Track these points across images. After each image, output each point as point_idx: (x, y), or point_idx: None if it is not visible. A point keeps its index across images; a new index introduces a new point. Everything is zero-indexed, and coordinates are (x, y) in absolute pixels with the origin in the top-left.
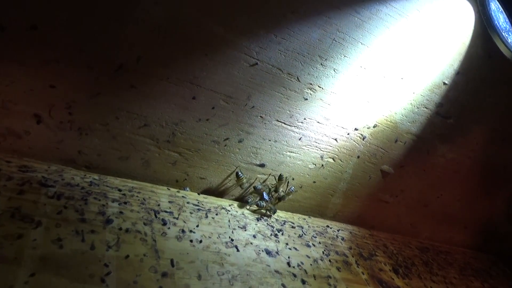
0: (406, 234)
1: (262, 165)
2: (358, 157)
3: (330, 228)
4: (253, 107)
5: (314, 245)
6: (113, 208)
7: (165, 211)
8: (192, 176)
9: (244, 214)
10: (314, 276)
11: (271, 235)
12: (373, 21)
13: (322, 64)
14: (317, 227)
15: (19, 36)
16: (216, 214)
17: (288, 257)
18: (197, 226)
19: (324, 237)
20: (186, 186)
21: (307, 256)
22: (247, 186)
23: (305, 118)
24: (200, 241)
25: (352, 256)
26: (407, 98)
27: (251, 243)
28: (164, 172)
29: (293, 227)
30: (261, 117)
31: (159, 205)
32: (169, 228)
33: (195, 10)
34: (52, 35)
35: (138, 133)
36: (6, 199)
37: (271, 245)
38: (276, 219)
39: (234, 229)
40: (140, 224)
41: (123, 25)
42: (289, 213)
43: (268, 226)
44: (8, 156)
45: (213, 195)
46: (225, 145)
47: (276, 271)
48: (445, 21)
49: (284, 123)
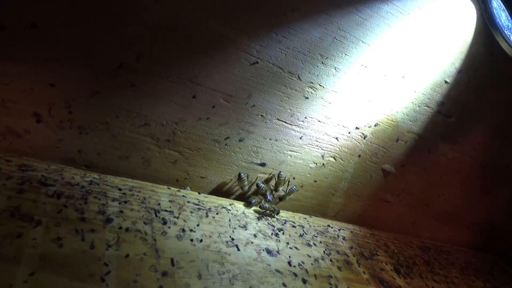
0: (408, 234)
1: (263, 164)
2: (359, 156)
3: (331, 228)
4: (254, 106)
5: (315, 245)
6: (113, 207)
7: (166, 210)
8: (193, 175)
9: (245, 214)
10: (315, 276)
11: (272, 235)
12: (374, 19)
13: (323, 63)
14: (318, 227)
15: (19, 35)
16: (217, 213)
17: (289, 257)
18: (198, 225)
19: (325, 237)
20: (187, 185)
21: (308, 256)
22: (247, 189)
23: (306, 117)
24: (201, 240)
25: (353, 256)
26: (409, 97)
27: (252, 243)
28: (165, 171)
29: (294, 227)
30: (262, 116)
31: (160, 204)
32: (170, 227)
33: (196, 9)
34: (52, 34)
35: (139, 132)
36: (6, 198)
37: (272, 245)
38: (277, 219)
39: (235, 229)
40: (140, 223)
41: (123, 24)
42: (290, 213)
43: (269, 226)
44: (8, 155)
45: (214, 194)
46: (226, 144)
47: (277, 271)
48: (447, 19)
49: (285, 122)
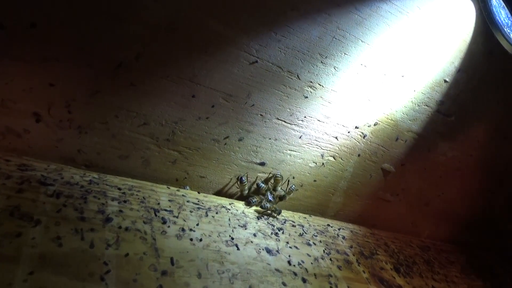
0: (407, 233)
1: (263, 164)
2: (359, 156)
3: (331, 227)
4: (253, 105)
5: (315, 244)
6: (113, 207)
7: (165, 210)
8: (192, 175)
9: (244, 213)
10: (315, 275)
11: (272, 234)
12: (374, 19)
13: (323, 62)
14: (318, 226)
15: (19, 34)
16: (216, 213)
17: (289, 256)
18: (197, 225)
19: (325, 236)
20: (186, 185)
21: (308, 255)
22: (247, 194)
23: (306, 116)
24: (200, 240)
25: (353, 255)
26: (408, 96)
27: (252, 242)
28: (164, 171)
29: (294, 226)
30: (261, 115)
31: (159, 204)
32: (169, 227)
33: (195, 8)
34: (52, 33)
35: (138, 132)
36: (5, 198)
37: (272, 244)
38: (277, 218)
39: (235, 228)
40: (140, 223)
41: (123, 23)
42: (290, 212)
43: (269, 225)
44: (7, 155)
45: (213, 194)
46: (225, 144)
47: (277, 270)
48: (446, 18)
49: (284, 121)
